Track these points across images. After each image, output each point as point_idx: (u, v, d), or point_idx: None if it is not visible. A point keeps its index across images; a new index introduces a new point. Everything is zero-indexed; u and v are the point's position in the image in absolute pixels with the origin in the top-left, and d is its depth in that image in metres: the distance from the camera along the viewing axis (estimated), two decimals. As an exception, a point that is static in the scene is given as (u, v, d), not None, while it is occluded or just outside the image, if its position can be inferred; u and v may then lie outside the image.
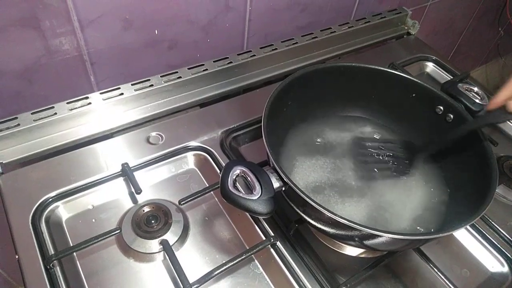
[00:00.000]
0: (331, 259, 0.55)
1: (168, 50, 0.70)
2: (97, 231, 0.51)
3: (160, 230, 0.52)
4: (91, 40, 0.61)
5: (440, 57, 0.88)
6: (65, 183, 0.55)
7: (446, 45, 1.44)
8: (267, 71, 0.76)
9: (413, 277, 0.54)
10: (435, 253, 0.56)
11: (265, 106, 0.50)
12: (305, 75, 0.57)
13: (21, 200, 0.53)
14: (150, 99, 0.66)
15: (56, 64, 0.60)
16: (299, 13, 0.81)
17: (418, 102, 0.59)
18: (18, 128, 0.57)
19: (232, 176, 0.44)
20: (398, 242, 0.46)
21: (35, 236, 0.50)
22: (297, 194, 0.43)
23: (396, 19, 0.92)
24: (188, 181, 0.60)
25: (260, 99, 0.64)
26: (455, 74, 0.84)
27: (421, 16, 1.13)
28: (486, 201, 0.45)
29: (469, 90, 0.59)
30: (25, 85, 0.60)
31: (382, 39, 0.91)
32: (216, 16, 0.70)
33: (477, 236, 0.58)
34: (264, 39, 0.81)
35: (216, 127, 0.65)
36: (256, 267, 0.52)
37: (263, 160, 0.57)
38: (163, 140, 0.62)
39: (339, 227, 0.44)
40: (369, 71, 0.59)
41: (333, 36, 0.82)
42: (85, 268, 0.50)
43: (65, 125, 0.60)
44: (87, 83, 0.65)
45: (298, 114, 0.61)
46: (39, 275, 0.47)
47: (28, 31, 0.55)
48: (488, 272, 0.56)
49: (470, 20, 1.38)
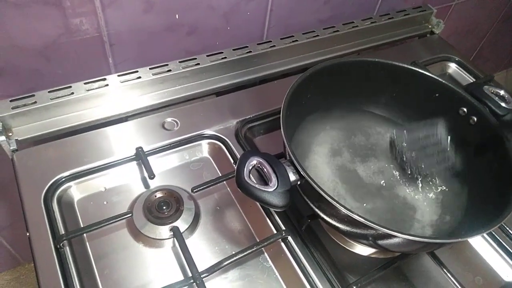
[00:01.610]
0: (341, 257, 0.54)
1: (187, 35, 0.69)
2: (108, 214, 0.51)
3: (171, 217, 0.52)
4: (111, 21, 0.60)
5: (463, 58, 0.86)
6: (79, 163, 0.55)
7: (468, 47, 1.41)
8: (285, 62, 0.75)
9: (425, 281, 0.53)
10: (448, 258, 0.55)
11: (285, 97, 0.49)
12: (326, 68, 0.55)
13: (34, 178, 0.53)
14: (167, 84, 0.65)
15: (75, 44, 0.60)
16: (322, 5, 0.80)
17: (441, 103, 0.57)
18: (35, 106, 0.56)
19: (248, 166, 0.44)
20: (412, 244, 0.45)
21: (46, 215, 0.50)
22: (313, 189, 0.42)
23: (420, 17, 0.90)
24: (201, 169, 0.59)
25: (276, 91, 0.63)
26: (478, 77, 0.82)
27: (445, 16, 1.10)
28: (508, 209, 0.44)
29: (494, 93, 0.57)
30: (43, 62, 0.60)
31: (405, 36, 0.89)
32: (238, 3, 0.69)
33: (492, 243, 0.57)
34: (285, 30, 0.79)
35: (232, 116, 0.64)
36: (265, 260, 0.52)
37: (278, 153, 0.56)
38: (178, 127, 0.61)
39: (354, 224, 0.43)
40: (392, 68, 0.58)
41: (354, 30, 0.81)
42: (94, 250, 0.50)
43: (81, 106, 0.60)
44: (105, 65, 0.65)
45: (316, 108, 0.59)
46: (49, 254, 0.47)
47: (50, 8, 0.54)
48: (502, 281, 0.55)
49: (494, 23, 1.35)
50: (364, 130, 0.62)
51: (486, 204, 0.50)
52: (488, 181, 0.52)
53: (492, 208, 0.46)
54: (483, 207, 0.50)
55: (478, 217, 0.49)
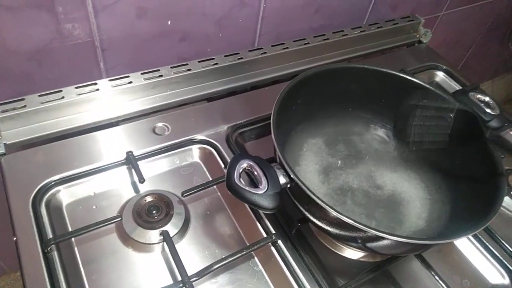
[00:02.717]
0: (331, 261, 0.54)
1: (179, 41, 0.69)
2: (97, 218, 0.50)
3: (161, 221, 0.52)
4: (103, 26, 0.60)
5: (450, 67, 0.88)
6: (68, 168, 0.54)
7: (455, 58, 1.44)
8: (276, 69, 0.76)
9: (413, 284, 0.53)
10: (436, 261, 0.55)
11: (275, 102, 0.50)
12: (316, 74, 0.56)
13: (22, 182, 0.52)
14: (159, 90, 0.66)
15: (67, 48, 0.60)
16: (312, 14, 0.81)
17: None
18: (25, 110, 0.56)
19: (238, 169, 0.44)
20: (401, 246, 0.45)
21: (34, 219, 0.49)
22: (303, 192, 0.43)
23: (409, 27, 0.92)
24: (191, 174, 0.60)
25: (267, 97, 0.63)
26: (465, 85, 0.84)
27: (433, 26, 1.13)
28: (492, 211, 0.45)
29: (480, 100, 0.58)
30: (35, 67, 0.60)
31: (393, 45, 0.90)
32: (230, 10, 0.70)
33: (479, 247, 0.58)
34: (276, 38, 0.81)
35: (223, 122, 0.65)
36: (255, 264, 0.52)
37: (269, 157, 0.57)
38: (169, 131, 0.61)
39: (344, 227, 0.43)
40: (381, 74, 0.59)
41: (344, 39, 0.82)
42: (82, 254, 0.50)
43: (71, 110, 0.60)
44: (96, 70, 0.65)
45: (306, 113, 0.60)
46: (36, 259, 0.46)
47: (42, 13, 0.55)
48: (488, 284, 0.56)
49: (480, 34, 1.38)
50: (353, 134, 0.63)
51: (473, 206, 0.51)
52: (474, 186, 0.53)
53: (479, 211, 0.47)
54: (469, 209, 0.51)
55: (465, 220, 0.49)
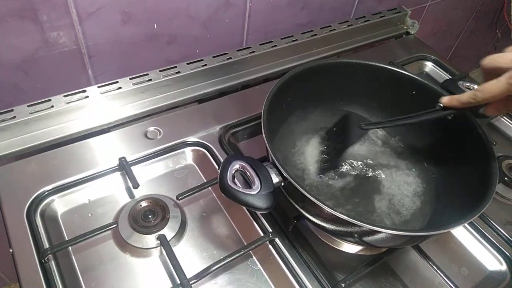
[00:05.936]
0: (329, 256, 0.54)
1: (167, 45, 0.69)
2: (93, 226, 0.50)
3: (158, 225, 0.52)
4: (89, 33, 0.60)
5: (439, 57, 0.88)
6: (61, 176, 0.54)
7: (444, 47, 1.44)
8: (266, 68, 0.76)
9: (412, 275, 0.54)
10: (434, 251, 0.56)
11: (265, 101, 0.50)
12: (305, 70, 0.56)
13: (16, 194, 0.52)
14: (149, 94, 0.65)
15: (53, 57, 0.60)
16: (299, 10, 0.81)
17: (418, 100, 0.59)
18: (14, 121, 0.56)
19: (231, 170, 0.44)
20: (397, 239, 0.45)
21: (30, 230, 0.49)
22: (296, 190, 0.43)
23: (396, 19, 0.92)
24: (186, 177, 0.59)
25: (258, 96, 0.63)
26: (454, 74, 0.84)
27: (420, 17, 1.13)
28: (486, 199, 0.45)
29: (469, 88, 0.59)
30: (22, 77, 0.59)
31: (381, 38, 0.91)
32: (216, 11, 0.70)
33: (475, 234, 0.58)
34: (264, 36, 0.81)
35: (215, 123, 0.65)
36: (254, 263, 0.52)
37: (261, 156, 0.57)
38: (161, 135, 0.61)
39: (339, 223, 0.43)
40: (370, 68, 0.59)
41: (332, 34, 0.82)
42: (80, 263, 0.49)
43: (62, 118, 0.59)
44: (85, 77, 0.65)
45: (297, 110, 0.60)
46: (33, 270, 0.46)
47: (27, 22, 0.54)
48: (486, 271, 0.56)
49: (468, 22, 1.39)
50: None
51: (466, 194, 0.51)
52: (468, 174, 0.53)
53: (473, 199, 0.47)
54: (463, 198, 0.51)
55: (460, 208, 0.50)
